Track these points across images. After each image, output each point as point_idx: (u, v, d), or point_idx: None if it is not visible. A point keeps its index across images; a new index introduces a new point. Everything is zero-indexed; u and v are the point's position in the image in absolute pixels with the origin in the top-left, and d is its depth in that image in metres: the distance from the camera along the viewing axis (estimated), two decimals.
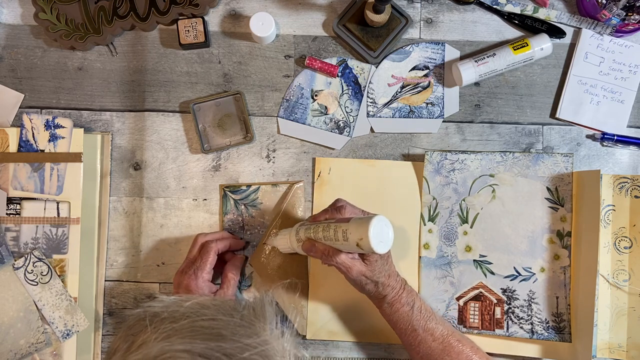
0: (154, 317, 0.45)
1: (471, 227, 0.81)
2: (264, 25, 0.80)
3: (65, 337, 0.77)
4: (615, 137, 0.82)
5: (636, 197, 0.80)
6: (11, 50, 0.84)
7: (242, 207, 0.82)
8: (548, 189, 0.81)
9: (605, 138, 0.83)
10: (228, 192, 0.82)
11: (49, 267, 0.78)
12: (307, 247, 0.68)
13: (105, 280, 0.81)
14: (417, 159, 0.83)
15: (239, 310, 0.46)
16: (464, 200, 0.81)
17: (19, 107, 0.83)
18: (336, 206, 0.69)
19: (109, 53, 0.84)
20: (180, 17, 0.83)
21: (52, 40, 0.82)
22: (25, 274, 0.77)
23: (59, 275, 0.78)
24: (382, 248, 0.62)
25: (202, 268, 0.73)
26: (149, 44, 0.84)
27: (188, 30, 0.82)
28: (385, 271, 0.69)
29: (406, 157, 0.83)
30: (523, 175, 0.81)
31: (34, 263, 0.78)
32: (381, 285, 0.69)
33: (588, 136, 0.84)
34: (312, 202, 0.82)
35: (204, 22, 0.82)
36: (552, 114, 0.84)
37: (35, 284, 0.77)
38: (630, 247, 0.79)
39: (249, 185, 0.82)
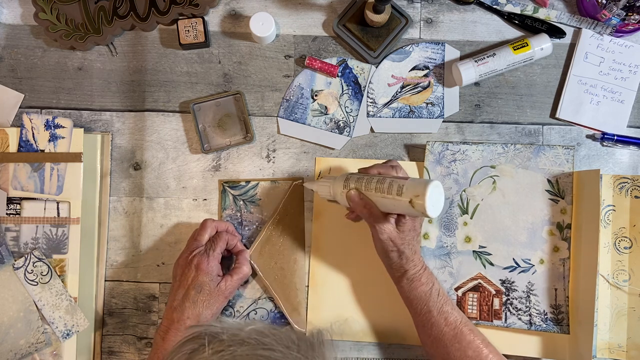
0: (213, 338, 0.45)
1: (471, 217, 0.81)
2: (264, 25, 0.80)
3: (65, 337, 0.77)
4: (615, 137, 0.82)
5: (636, 197, 0.80)
6: (11, 50, 0.84)
7: (241, 202, 0.82)
8: (549, 181, 0.81)
9: (605, 138, 0.83)
10: (227, 188, 0.82)
11: (49, 267, 0.78)
12: (352, 195, 0.68)
13: (105, 280, 0.81)
14: (417, 159, 0.83)
15: (296, 343, 0.46)
16: (464, 191, 0.81)
17: (19, 107, 0.83)
18: (390, 164, 0.71)
19: (109, 53, 0.84)
20: (180, 17, 0.83)
21: (52, 40, 0.82)
22: (25, 274, 0.77)
23: (59, 275, 0.78)
24: (434, 212, 0.62)
25: (214, 249, 0.74)
26: (149, 44, 0.84)
27: (188, 30, 0.82)
28: (413, 245, 0.70)
29: (407, 147, 0.83)
30: (524, 167, 0.81)
31: (34, 263, 0.77)
32: (405, 258, 0.70)
33: (588, 136, 0.84)
34: (312, 202, 0.82)
35: (204, 22, 0.82)
36: (552, 114, 0.84)
37: (35, 284, 0.77)
38: (630, 247, 0.79)
39: (248, 181, 0.82)
